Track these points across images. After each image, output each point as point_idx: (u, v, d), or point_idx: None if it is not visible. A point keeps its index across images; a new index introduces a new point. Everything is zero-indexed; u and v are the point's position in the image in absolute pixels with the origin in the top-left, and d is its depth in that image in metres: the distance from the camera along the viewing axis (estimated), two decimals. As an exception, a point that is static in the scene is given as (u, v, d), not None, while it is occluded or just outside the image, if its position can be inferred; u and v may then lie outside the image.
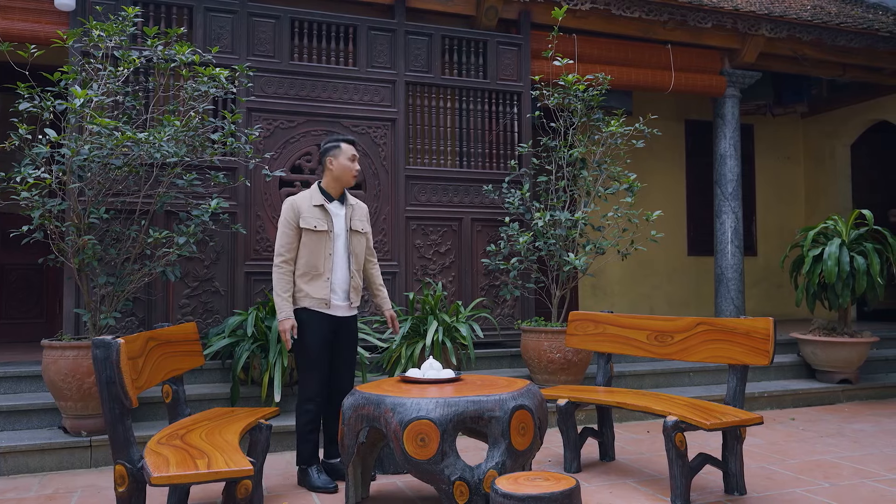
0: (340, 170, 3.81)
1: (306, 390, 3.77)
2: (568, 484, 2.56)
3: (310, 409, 3.76)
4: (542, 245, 5.52)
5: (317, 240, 3.74)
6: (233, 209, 5.28)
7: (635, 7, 6.39)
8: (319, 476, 3.73)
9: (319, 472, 3.76)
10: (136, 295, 4.89)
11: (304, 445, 3.77)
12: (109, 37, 4.31)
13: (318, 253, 3.74)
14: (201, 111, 4.47)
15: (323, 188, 3.84)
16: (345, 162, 3.81)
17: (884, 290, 6.03)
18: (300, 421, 3.78)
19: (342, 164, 3.80)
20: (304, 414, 3.77)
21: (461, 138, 6.17)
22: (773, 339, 3.57)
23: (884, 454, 4.41)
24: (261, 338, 4.77)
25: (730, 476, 3.64)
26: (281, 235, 3.72)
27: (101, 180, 4.28)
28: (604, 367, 4.50)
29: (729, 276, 7.16)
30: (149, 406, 4.59)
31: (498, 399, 3.06)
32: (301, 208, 3.72)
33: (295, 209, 3.72)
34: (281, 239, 3.72)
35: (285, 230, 3.71)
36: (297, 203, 3.74)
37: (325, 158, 3.83)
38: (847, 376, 6.19)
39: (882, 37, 7.39)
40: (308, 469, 3.76)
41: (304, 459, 3.78)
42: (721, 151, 7.30)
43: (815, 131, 9.80)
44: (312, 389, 3.76)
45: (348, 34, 5.79)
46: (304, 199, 3.77)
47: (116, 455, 2.80)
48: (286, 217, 3.72)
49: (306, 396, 3.77)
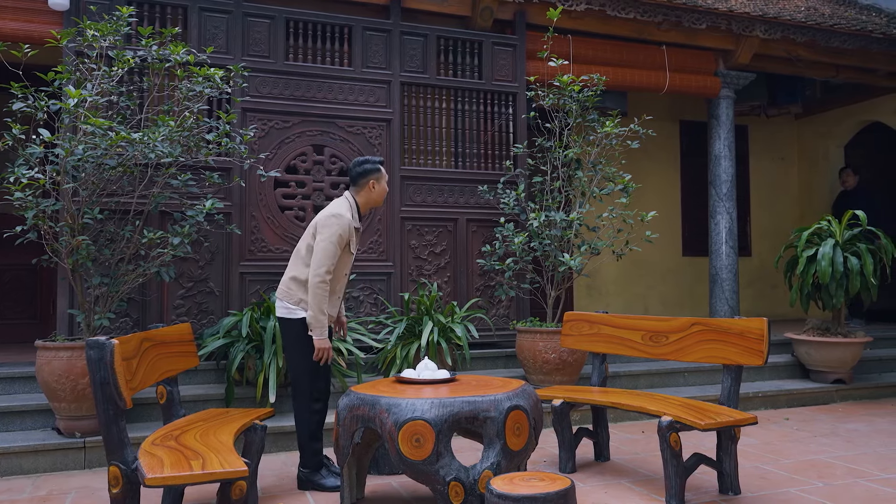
0: (380, 194, 3.81)
1: (318, 391, 3.79)
2: (563, 484, 2.56)
3: (319, 408, 3.81)
4: (537, 245, 5.53)
5: (346, 261, 3.76)
6: (228, 209, 5.27)
7: (630, 8, 6.40)
8: (328, 477, 3.77)
9: (328, 473, 3.80)
10: (131, 295, 4.87)
11: (316, 444, 3.78)
12: (104, 36, 4.30)
13: (340, 272, 3.76)
14: (196, 111, 4.46)
15: (356, 207, 3.79)
16: (385, 186, 3.85)
17: (877, 290, 6.05)
18: (311, 420, 3.76)
19: (383, 189, 3.82)
20: (315, 414, 3.78)
21: (456, 139, 6.17)
22: (768, 340, 3.58)
23: (878, 454, 4.43)
24: (255, 338, 4.76)
25: (724, 476, 3.65)
26: (330, 253, 3.58)
27: (95, 180, 4.26)
28: (599, 368, 4.51)
29: (723, 277, 7.18)
30: (143, 407, 4.58)
31: (493, 399, 3.06)
32: (350, 229, 3.68)
33: (349, 230, 3.65)
34: (330, 256, 3.58)
35: (335, 248, 3.60)
36: (348, 223, 3.65)
37: (366, 180, 3.76)
38: (841, 376, 6.21)
39: (875, 38, 7.42)
40: (319, 471, 3.79)
41: (316, 463, 3.78)
42: (715, 152, 7.32)
43: (808, 132, 9.84)
44: (323, 389, 3.82)
45: (343, 34, 5.78)
46: (349, 219, 3.68)
47: (110, 456, 2.79)
48: (340, 235, 3.60)
49: (316, 397, 3.78)
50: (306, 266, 3.65)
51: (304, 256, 3.69)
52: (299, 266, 3.69)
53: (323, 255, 3.57)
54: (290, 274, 3.73)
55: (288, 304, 3.71)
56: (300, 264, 3.69)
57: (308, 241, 3.70)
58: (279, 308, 3.76)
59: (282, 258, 5.45)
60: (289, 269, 3.77)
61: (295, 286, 3.69)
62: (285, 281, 3.75)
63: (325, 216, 3.66)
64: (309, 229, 3.73)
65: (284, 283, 3.75)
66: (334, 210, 3.67)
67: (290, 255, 5.33)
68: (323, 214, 3.68)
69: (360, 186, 3.78)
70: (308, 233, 3.73)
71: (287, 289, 3.72)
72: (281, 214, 5.50)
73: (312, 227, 3.70)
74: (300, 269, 3.68)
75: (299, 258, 3.72)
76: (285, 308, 3.72)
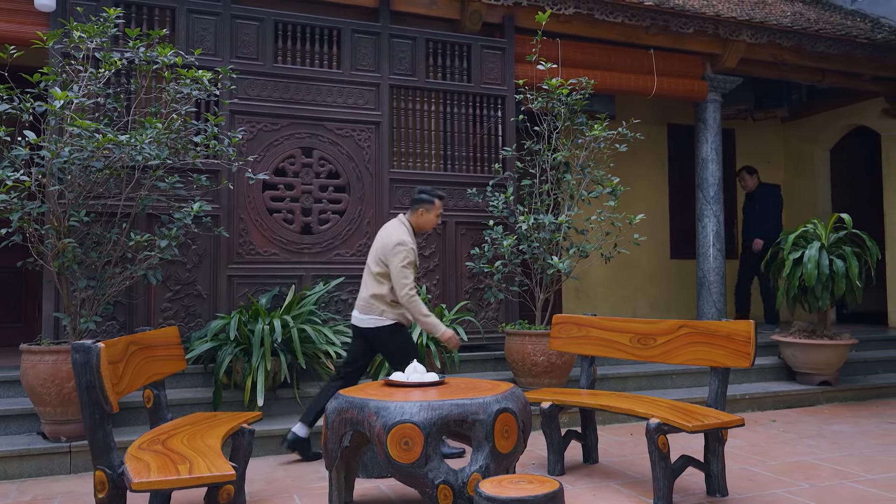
0: (427, 221, 4.40)
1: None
2: (551, 486, 2.56)
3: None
4: (525, 248, 5.54)
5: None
6: (216, 212, 5.24)
7: (618, 12, 6.43)
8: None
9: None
10: (117, 299, 4.84)
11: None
12: (90, 38, 4.27)
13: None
14: (184, 113, 4.44)
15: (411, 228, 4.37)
16: (433, 217, 4.42)
17: (862, 292, 6.10)
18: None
19: (430, 219, 4.41)
20: None
21: (445, 142, 6.18)
22: (754, 342, 3.61)
23: (863, 455, 4.46)
24: (243, 341, 4.74)
25: (712, 478, 3.67)
26: (405, 274, 4.15)
27: (81, 183, 4.23)
28: (587, 370, 4.52)
29: (711, 279, 7.22)
30: (129, 411, 4.55)
31: (482, 402, 3.06)
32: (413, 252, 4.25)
33: (413, 252, 4.21)
34: (406, 276, 4.16)
35: (408, 269, 4.17)
36: (410, 247, 4.20)
37: (418, 207, 4.36)
38: (827, 378, 6.26)
39: (860, 43, 7.50)
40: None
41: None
42: (703, 155, 7.37)
43: (795, 136, 9.92)
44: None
45: (332, 37, 5.78)
46: (410, 241, 4.23)
47: (96, 461, 2.76)
48: (411, 260, 4.18)
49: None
50: (379, 283, 4.23)
51: (375, 275, 4.25)
52: (373, 284, 4.26)
53: (401, 277, 4.16)
54: (369, 292, 4.27)
55: (374, 317, 4.27)
56: (374, 282, 4.26)
57: (377, 257, 4.25)
58: (366, 321, 4.28)
59: (270, 261, 5.43)
60: (365, 287, 4.32)
61: (375, 301, 4.26)
62: (365, 298, 4.29)
63: (391, 244, 4.18)
64: (375, 252, 4.29)
65: (365, 301, 4.29)
66: (397, 238, 4.19)
67: (278, 257, 5.44)
68: (389, 241, 4.20)
69: (413, 211, 4.39)
70: (373, 256, 4.29)
71: (368, 305, 4.28)
72: (269, 217, 5.48)
73: (378, 252, 4.25)
74: (375, 287, 4.25)
75: (371, 276, 4.28)
76: (373, 320, 4.27)
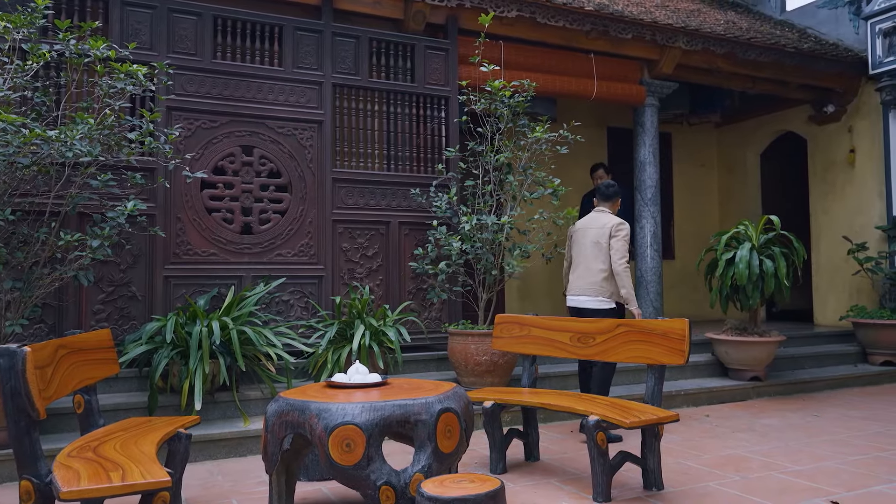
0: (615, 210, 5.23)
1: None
2: (493, 485, 2.59)
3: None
4: (468, 249, 5.57)
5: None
6: (151, 211, 5.10)
7: (559, 16, 6.54)
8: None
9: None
10: (46, 301, 4.65)
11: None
12: (17, 28, 4.10)
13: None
14: (117, 109, 4.30)
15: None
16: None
17: (790, 291, 6.37)
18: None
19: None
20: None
21: (389, 141, 6.16)
22: (689, 339, 3.72)
23: (789, 447, 4.66)
24: (181, 344, 4.62)
25: (648, 472, 3.76)
26: (626, 247, 4.85)
27: (6, 180, 4.05)
28: (529, 369, 4.57)
29: (648, 279, 7.41)
30: (59, 417, 4.37)
31: (424, 402, 3.07)
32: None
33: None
34: (626, 249, 4.84)
35: (628, 243, 4.88)
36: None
37: (617, 198, 5.20)
38: (757, 374, 6.51)
39: (788, 52, 7.82)
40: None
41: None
42: (641, 158, 7.56)
43: (727, 140, 10.28)
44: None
45: (274, 34, 5.69)
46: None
47: (22, 470, 2.65)
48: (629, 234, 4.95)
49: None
50: (604, 262, 4.86)
51: (598, 255, 4.88)
52: (600, 264, 4.88)
53: (623, 249, 4.82)
54: (599, 276, 4.87)
55: (602, 298, 4.87)
56: (600, 262, 4.88)
57: (595, 240, 4.91)
58: (594, 302, 4.89)
59: (209, 261, 5.31)
60: (591, 273, 4.90)
61: (605, 283, 4.87)
62: (596, 282, 4.87)
63: (614, 224, 4.90)
64: (591, 235, 4.96)
65: (595, 285, 4.88)
66: (616, 220, 4.95)
67: (217, 257, 5.31)
68: (611, 223, 4.92)
69: (613, 202, 5.16)
70: (589, 239, 4.96)
71: (599, 287, 4.87)
72: (208, 216, 5.35)
73: (596, 234, 4.93)
74: (603, 266, 4.87)
75: (596, 259, 4.90)
76: (599, 301, 4.88)
